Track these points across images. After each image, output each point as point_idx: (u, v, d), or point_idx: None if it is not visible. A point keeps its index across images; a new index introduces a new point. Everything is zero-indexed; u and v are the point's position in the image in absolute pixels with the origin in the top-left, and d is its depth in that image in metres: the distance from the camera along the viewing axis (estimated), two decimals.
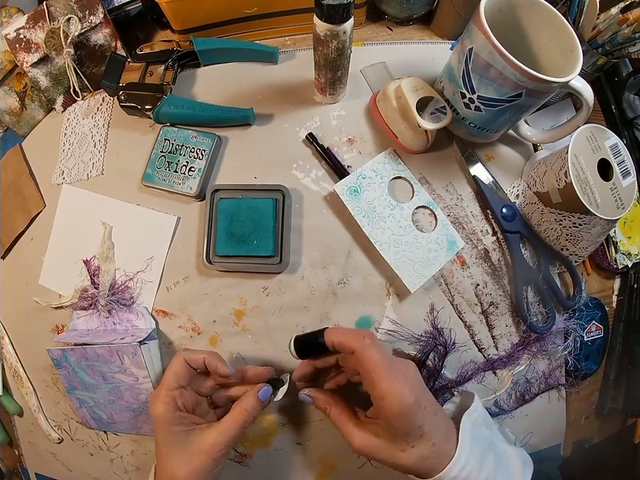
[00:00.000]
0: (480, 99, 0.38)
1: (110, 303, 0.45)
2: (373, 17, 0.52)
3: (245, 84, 0.49)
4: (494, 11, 0.35)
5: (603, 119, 0.52)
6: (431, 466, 0.32)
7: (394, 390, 0.31)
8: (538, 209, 0.44)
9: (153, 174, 0.45)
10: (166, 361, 0.45)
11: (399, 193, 0.45)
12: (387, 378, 0.31)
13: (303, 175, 0.46)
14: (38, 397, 0.50)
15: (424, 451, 0.32)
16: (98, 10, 0.47)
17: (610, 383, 0.49)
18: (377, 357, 0.32)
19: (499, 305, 0.45)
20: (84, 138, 0.50)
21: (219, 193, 0.44)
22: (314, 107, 0.47)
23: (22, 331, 0.50)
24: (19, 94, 0.50)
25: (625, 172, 0.41)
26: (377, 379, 0.31)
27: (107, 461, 0.48)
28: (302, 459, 0.45)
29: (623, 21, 0.39)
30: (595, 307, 0.48)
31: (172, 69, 0.47)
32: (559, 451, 0.49)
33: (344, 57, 0.39)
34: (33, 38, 0.47)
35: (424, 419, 0.32)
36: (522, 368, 0.45)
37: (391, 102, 0.43)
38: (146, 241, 0.46)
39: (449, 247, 0.44)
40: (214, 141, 0.45)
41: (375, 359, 0.32)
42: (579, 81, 0.36)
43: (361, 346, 0.32)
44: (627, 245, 0.48)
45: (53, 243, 0.48)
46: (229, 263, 0.43)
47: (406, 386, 0.31)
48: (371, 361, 0.32)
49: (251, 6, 0.47)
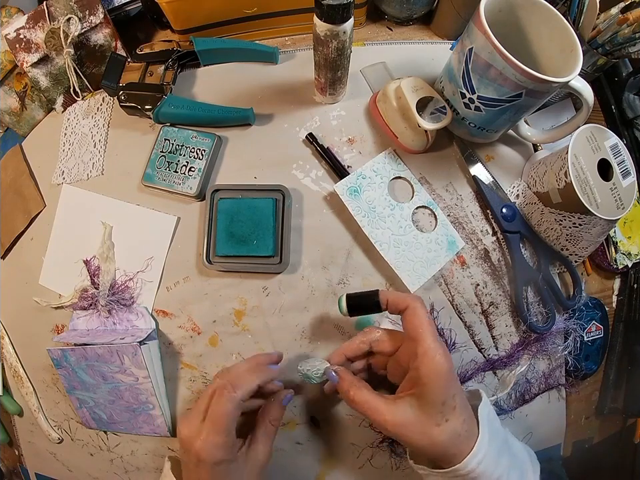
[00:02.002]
0: (480, 99, 0.38)
1: (110, 303, 0.45)
2: (373, 17, 0.52)
3: (245, 84, 0.49)
4: (494, 10, 0.35)
5: (603, 118, 0.52)
6: (460, 446, 0.32)
7: (438, 349, 0.32)
8: (538, 209, 0.44)
9: (153, 174, 0.45)
10: (166, 361, 0.45)
11: (399, 193, 0.45)
12: (434, 337, 0.33)
13: (303, 175, 0.46)
14: (38, 397, 0.50)
15: (457, 427, 0.32)
16: (98, 10, 0.47)
17: (610, 383, 0.49)
18: (426, 316, 0.34)
19: (499, 305, 0.45)
20: (84, 138, 0.50)
21: (219, 192, 0.44)
22: (314, 107, 0.47)
23: (22, 331, 0.50)
24: (18, 94, 0.50)
25: (625, 172, 0.41)
26: (425, 335, 0.32)
27: (107, 461, 0.48)
28: (302, 459, 0.45)
29: (623, 21, 0.39)
30: (595, 307, 0.48)
31: (172, 69, 0.47)
32: (559, 451, 0.49)
33: (344, 57, 0.39)
34: (33, 38, 0.47)
35: (458, 388, 0.33)
36: (523, 368, 0.44)
37: (391, 102, 0.43)
38: (146, 241, 0.46)
39: (448, 247, 0.44)
40: (214, 141, 0.45)
41: (424, 317, 0.33)
42: (578, 80, 0.36)
43: (414, 304, 0.34)
44: (627, 244, 0.48)
45: (52, 243, 0.48)
46: (229, 263, 0.43)
47: (447, 355, 0.32)
48: (421, 317, 0.33)
49: (251, 6, 0.47)
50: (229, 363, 0.44)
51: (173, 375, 0.45)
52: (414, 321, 0.33)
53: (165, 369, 0.45)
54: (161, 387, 0.44)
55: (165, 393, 0.45)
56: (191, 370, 0.45)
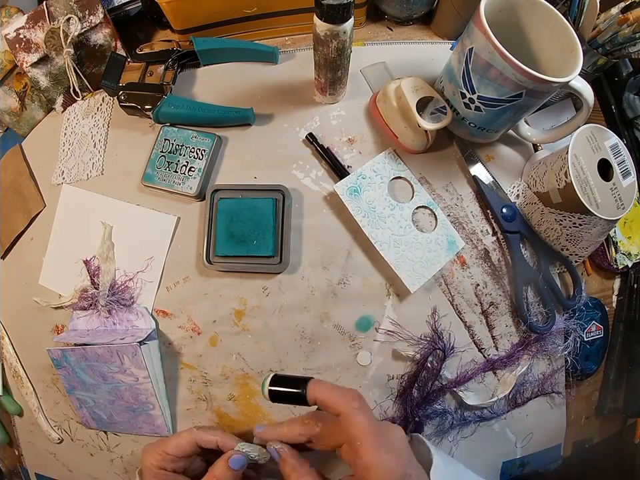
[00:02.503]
0: (480, 99, 0.38)
1: (110, 303, 0.45)
2: (373, 17, 0.52)
3: (245, 84, 0.49)
4: (494, 10, 0.35)
5: (603, 118, 0.52)
6: None
7: (381, 462, 0.28)
8: (538, 209, 0.44)
9: (153, 174, 0.45)
10: (166, 361, 0.45)
11: (399, 193, 0.45)
12: (374, 448, 0.29)
13: (303, 175, 0.46)
14: (38, 397, 0.50)
15: None
16: (98, 10, 0.47)
17: (610, 383, 0.49)
18: (364, 424, 0.29)
19: (499, 305, 0.45)
20: (84, 138, 0.50)
21: (219, 193, 0.44)
22: (314, 107, 0.47)
23: (22, 330, 0.50)
24: (18, 94, 0.50)
25: (625, 172, 0.41)
26: (364, 448, 0.29)
27: (107, 461, 0.48)
28: None
29: (623, 21, 0.39)
30: (595, 307, 0.48)
31: (172, 69, 0.47)
32: (559, 451, 0.49)
33: (344, 57, 0.39)
34: (32, 38, 0.47)
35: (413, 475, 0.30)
36: (524, 369, 0.44)
37: (391, 102, 0.43)
38: (146, 241, 0.46)
39: (448, 247, 0.44)
40: (214, 141, 0.45)
41: (362, 426, 0.29)
42: (579, 80, 0.36)
43: (349, 409, 0.30)
44: (627, 244, 0.48)
45: (52, 243, 0.48)
46: (229, 263, 0.43)
47: (393, 457, 0.29)
48: (358, 427, 0.29)
49: (251, 6, 0.47)
50: (228, 362, 0.44)
51: (173, 374, 0.45)
52: (351, 431, 0.29)
53: (165, 369, 0.45)
54: (160, 387, 0.44)
55: (165, 393, 0.45)
56: (191, 370, 0.45)
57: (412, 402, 0.43)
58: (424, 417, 0.43)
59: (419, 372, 0.43)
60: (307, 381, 0.32)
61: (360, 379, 0.44)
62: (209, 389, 0.45)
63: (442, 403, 0.44)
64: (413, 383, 0.43)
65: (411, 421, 0.43)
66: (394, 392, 0.44)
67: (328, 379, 0.43)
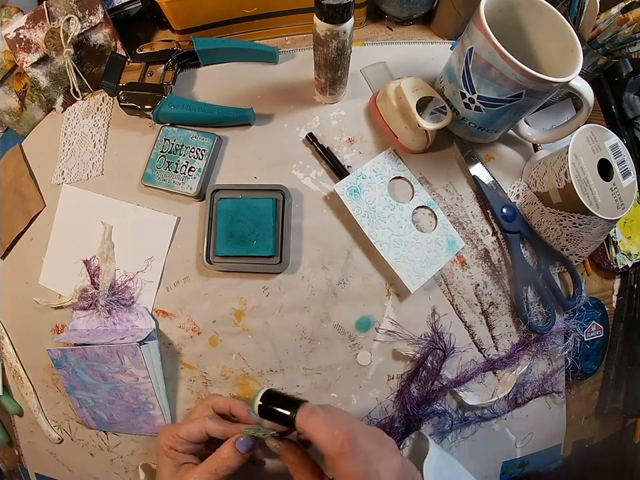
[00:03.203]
0: (480, 99, 0.38)
1: (110, 303, 0.45)
2: (373, 17, 0.52)
3: (245, 84, 0.49)
4: (494, 10, 0.35)
5: (603, 118, 0.52)
6: None
7: None
8: (538, 209, 0.44)
9: (153, 174, 0.45)
10: (166, 361, 0.45)
11: (399, 193, 0.45)
12: None
13: (303, 175, 0.46)
14: (38, 397, 0.50)
15: None
16: (98, 10, 0.47)
17: (610, 383, 0.49)
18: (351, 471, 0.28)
19: (499, 305, 0.45)
20: (84, 138, 0.50)
21: (219, 192, 0.44)
22: (314, 107, 0.47)
23: (22, 331, 0.50)
24: (18, 94, 0.50)
25: (625, 172, 0.41)
26: None
27: (107, 461, 0.48)
28: None
29: (623, 21, 0.39)
30: (595, 307, 0.48)
31: (172, 69, 0.47)
32: (559, 451, 0.49)
33: (344, 57, 0.39)
34: (32, 38, 0.47)
35: None
36: (524, 369, 0.44)
37: (391, 102, 0.43)
38: (146, 240, 0.46)
39: (448, 247, 0.44)
40: (214, 141, 0.45)
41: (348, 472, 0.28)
42: (579, 80, 0.36)
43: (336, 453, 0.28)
44: (627, 244, 0.48)
45: (52, 243, 0.48)
46: (229, 263, 0.43)
47: None
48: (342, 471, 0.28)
49: (251, 6, 0.47)
50: (229, 362, 0.44)
51: (173, 374, 0.45)
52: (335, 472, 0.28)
53: (164, 369, 0.45)
54: (160, 387, 0.44)
55: (165, 393, 0.45)
56: (191, 370, 0.45)
57: (412, 402, 0.43)
58: (424, 417, 0.43)
59: (419, 372, 0.43)
60: (300, 403, 0.31)
61: (360, 379, 0.44)
62: (209, 389, 0.45)
63: (442, 403, 0.44)
64: (412, 383, 0.43)
65: (411, 420, 0.43)
66: (394, 392, 0.44)
67: (328, 379, 0.44)
